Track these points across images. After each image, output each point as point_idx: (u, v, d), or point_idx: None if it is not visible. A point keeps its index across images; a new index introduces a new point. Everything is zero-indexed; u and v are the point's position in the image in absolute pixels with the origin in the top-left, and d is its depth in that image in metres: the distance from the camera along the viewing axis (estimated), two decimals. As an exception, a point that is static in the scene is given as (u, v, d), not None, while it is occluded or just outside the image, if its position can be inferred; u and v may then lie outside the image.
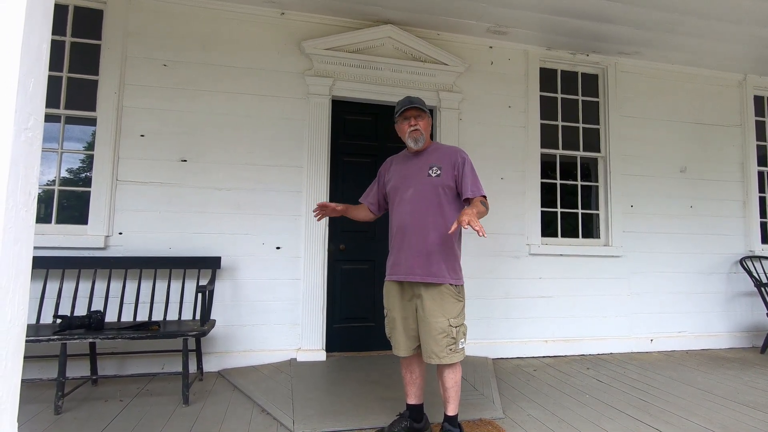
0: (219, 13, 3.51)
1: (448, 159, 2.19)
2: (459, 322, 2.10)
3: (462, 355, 2.10)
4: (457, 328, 2.08)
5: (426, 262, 2.10)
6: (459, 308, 2.11)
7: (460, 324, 2.10)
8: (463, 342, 2.10)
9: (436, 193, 2.15)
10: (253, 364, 3.35)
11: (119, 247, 3.22)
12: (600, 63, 4.33)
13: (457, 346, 2.07)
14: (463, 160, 2.19)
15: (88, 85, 3.30)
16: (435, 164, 2.18)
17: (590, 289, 4.10)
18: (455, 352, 2.07)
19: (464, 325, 2.14)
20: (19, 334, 1.01)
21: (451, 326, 2.06)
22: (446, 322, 2.06)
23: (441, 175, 2.16)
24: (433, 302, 2.08)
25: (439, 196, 2.14)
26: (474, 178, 2.16)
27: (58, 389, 2.50)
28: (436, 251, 2.10)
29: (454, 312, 2.08)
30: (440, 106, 3.87)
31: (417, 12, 3.62)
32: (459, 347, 2.08)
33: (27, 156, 1.02)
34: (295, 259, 3.53)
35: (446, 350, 2.05)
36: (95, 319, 2.68)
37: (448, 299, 2.09)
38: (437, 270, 2.08)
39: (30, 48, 1.01)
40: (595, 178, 4.38)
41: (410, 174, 2.23)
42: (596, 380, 3.28)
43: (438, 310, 2.07)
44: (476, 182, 2.15)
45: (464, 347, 2.11)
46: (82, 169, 3.45)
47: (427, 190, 2.16)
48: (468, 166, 2.18)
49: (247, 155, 3.49)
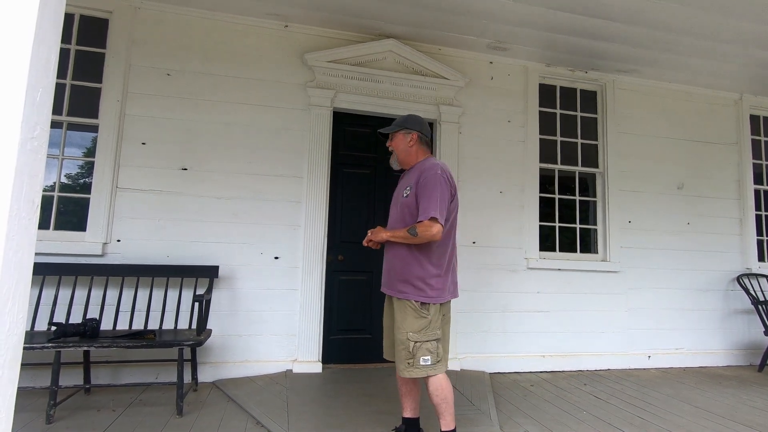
0: (223, 24, 3.55)
1: (414, 179, 2.18)
2: (419, 338, 2.06)
3: (423, 371, 2.05)
4: (416, 343, 2.05)
5: (390, 278, 2.21)
6: (421, 324, 2.07)
7: (423, 340, 2.05)
8: (427, 359, 2.05)
9: (404, 213, 2.20)
10: (249, 374, 3.32)
11: (117, 254, 3.21)
12: (598, 80, 4.39)
13: (415, 361, 2.04)
14: (420, 180, 2.13)
15: (91, 93, 3.32)
16: (409, 184, 2.20)
17: (588, 304, 4.10)
18: (414, 367, 2.05)
19: (431, 342, 2.07)
20: (16, 343, 1.01)
21: (409, 340, 2.05)
22: (405, 335, 2.07)
23: (409, 196, 2.18)
24: (398, 314, 2.13)
25: (405, 217, 2.19)
26: (426, 200, 2.07)
27: (50, 398, 2.47)
28: (398, 268, 2.16)
29: (414, 327, 2.07)
30: (440, 119, 3.91)
31: (419, 27, 3.67)
32: (419, 363, 2.04)
33: (32, 165, 1.03)
34: (293, 269, 3.52)
35: (404, 363, 2.07)
36: (90, 326, 2.66)
37: (411, 313, 2.09)
38: (401, 286, 2.14)
39: (39, 59, 1.02)
40: (593, 193, 4.40)
41: (397, 193, 2.32)
42: (594, 396, 3.26)
43: (400, 322, 2.11)
44: (426, 204, 2.06)
45: (429, 364, 2.05)
46: (81, 176, 3.46)
47: (398, 211, 2.24)
48: (423, 187, 2.10)
49: (247, 165, 3.50)
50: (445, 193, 2.10)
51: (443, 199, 2.08)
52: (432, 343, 2.08)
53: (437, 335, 2.10)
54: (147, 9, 3.42)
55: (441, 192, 2.08)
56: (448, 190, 2.13)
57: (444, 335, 2.18)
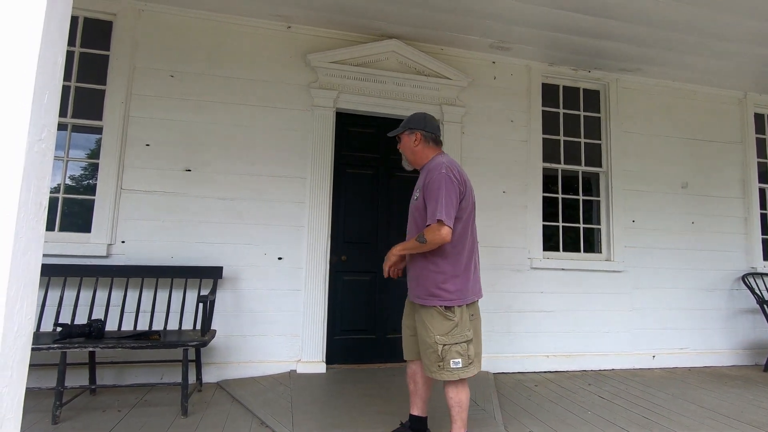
0: (226, 25, 3.57)
1: (422, 181, 2.15)
2: (447, 341, 2.02)
3: (454, 374, 2.02)
4: (444, 346, 2.01)
5: (413, 287, 2.19)
6: (448, 326, 2.03)
7: (451, 343, 2.02)
8: (458, 362, 2.01)
9: (415, 218, 2.18)
10: (253, 375, 3.33)
11: (121, 255, 3.22)
12: (602, 79, 4.38)
13: (445, 364, 2.01)
14: (426, 183, 2.10)
15: (95, 95, 3.34)
16: (418, 187, 2.19)
17: (592, 304, 4.09)
18: (444, 370, 2.02)
19: (460, 345, 2.03)
20: (25, 344, 1.01)
21: (437, 343, 2.02)
22: (432, 338, 2.04)
23: (418, 199, 2.16)
24: (426, 320, 2.09)
25: (417, 222, 2.16)
26: (432, 203, 2.03)
27: (56, 398, 2.48)
28: (418, 276, 2.15)
29: (442, 330, 2.04)
30: (443, 119, 3.91)
31: (422, 27, 3.67)
32: (449, 366, 2.01)
33: (39, 167, 1.03)
34: (297, 269, 3.53)
35: (435, 366, 2.04)
36: (96, 327, 2.67)
37: (437, 317, 2.06)
38: (423, 293, 2.11)
39: (46, 62, 1.03)
40: (597, 192, 4.39)
41: (412, 197, 2.29)
42: (598, 396, 3.26)
43: (428, 325, 2.07)
44: (432, 208, 2.03)
45: (460, 367, 2.02)
46: (85, 177, 3.47)
47: (411, 217, 2.23)
48: (428, 189, 2.07)
49: (250, 166, 3.51)
50: (451, 192, 2.02)
51: (449, 199, 2.01)
52: (462, 345, 2.03)
53: (467, 337, 2.05)
54: (150, 11, 3.44)
55: (446, 192, 2.01)
56: (454, 189, 2.04)
57: (476, 335, 2.14)
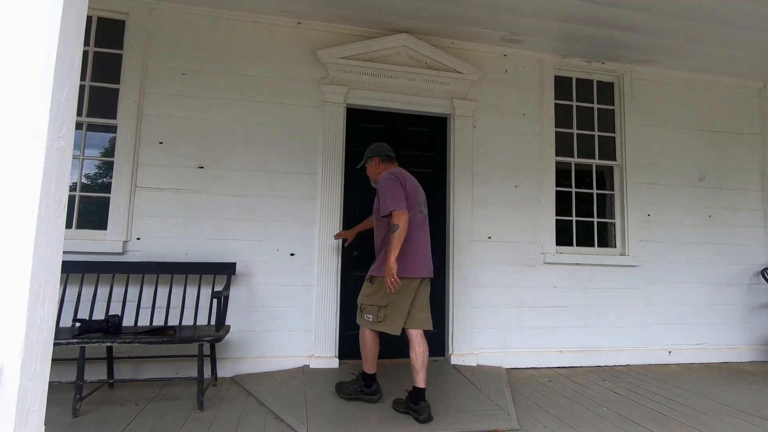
0: (237, 23, 3.58)
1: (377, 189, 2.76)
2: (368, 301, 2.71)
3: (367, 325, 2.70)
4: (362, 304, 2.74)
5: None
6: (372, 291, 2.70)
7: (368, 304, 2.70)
8: (369, 317, 2.67)
9: (377, 218, 2.78)
10: (267, 370, 3.36)
11: (137, 252, 3.27)
12: (616, 71, 4.30)
13: (362, 316, 2.72)
14: (378, 189, 2.72)
15: (109, 94, 3.38)
16: (377, 194, 2.77)
17: (606, 299, 4.04)
18: (360, 319, 2.75)
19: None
20: (48, 337, 1.03)
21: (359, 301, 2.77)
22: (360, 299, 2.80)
23: (376, 204, 2.77)
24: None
25: (380, 221, 2.75)
26: (384, 198, 2.60)
27: (76, 392, 2.54)
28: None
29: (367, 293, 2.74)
30: (454, 114, 3.88)
31: (432, 21, 3.64)
32: (364, 318, 2.71)
33: (59, 164, 1.05)
34: (309, 265, 3.54)
35: (357, 314, 2.78)
36: (113, 323, 2.72)
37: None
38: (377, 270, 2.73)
39: (63, 60, 1.04)
40: (611, 186, 4.33)
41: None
42: (613, 392, 3.22)
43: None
44: (385, 201, 2.59)
45: (368, 320, 2.68)
46: (99, 176, 3.52)
47: (376, 219, 2.81)
48: (380, 193, 2.67)
49: (262, 162, 3.53)
50: (393, 187, 2.59)
51: (393, 193, 2.57)
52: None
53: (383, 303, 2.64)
54: (162, 9, 3.46)
55: (390, 188, 2.59)
56: (396, 183, 2.62)
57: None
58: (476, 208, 3.86)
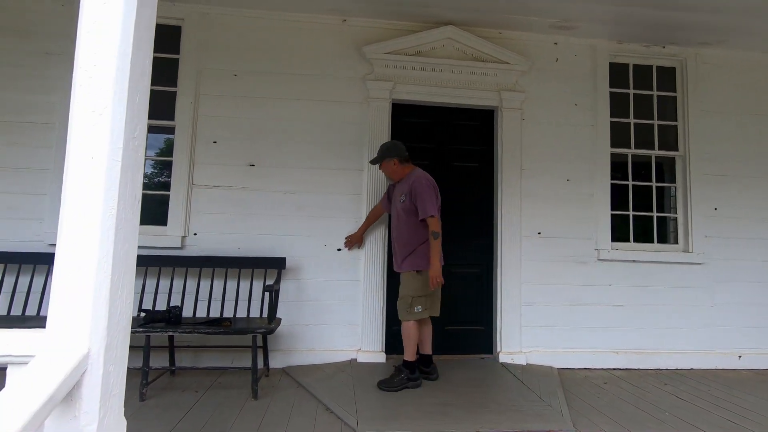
0: (284, 22, 3.65)
1: (407, 189, 3.02)
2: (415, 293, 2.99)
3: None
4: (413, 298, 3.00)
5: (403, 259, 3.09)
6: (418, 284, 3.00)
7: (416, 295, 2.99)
8: (419, 308, 2.96)
9: (401, 214, 3.06)
10: (315, 362, 3.43)
11: (194, 247, 3.43)
12: (678, 55, 4.02)
13: (412, 309, 2.97)
14: (413, 191, 2.98)
15: (166, 96, 3.55)
16: (403, 192, 3.05)
17: (667, 299, 3.81)
18: (411, 313, 2.99)
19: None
20: (126, 326, 1.10)
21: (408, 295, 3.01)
22: (404, 292, 3.05)
23: (405, 201, 3.02)
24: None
25: (403, 217, 3.05)
26: (422, 203, 2.93)
27: (142, 378, 2.71)
28: (408, 253, 3.05)
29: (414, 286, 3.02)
30: (502, 106, 3.78)
31: (478, 11, 3.56)
32: (414, 311, 2.97)
33: (134, 163, 1.11)
34: (356, 260, 3.58)
35: (404, 311, 3.00)
36: (174, 314, 2.87)
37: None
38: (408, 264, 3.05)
39: (137, 64, 1.10)
40: (671, 178, 4.06)
41: (394, 200, 3.17)
42: (676, 397, 3.04)
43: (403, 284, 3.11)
44: (425, 206, 2.92)
45: (419, 311, 2.97)
46: (155, 174, 3.72)
47: (403, 216, 3.05)
48: (419, 196, 2.95)
49: (309, 159, 3.60)
50: (432, 196, 2.97)
51: (432, 200, 2.94)
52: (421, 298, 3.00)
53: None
54: (214, 14, 3.60)
55: (429, 196, 2.95)
56: (434, 193, 3.00)
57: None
58: (525, 203, 3.75)
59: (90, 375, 0.99)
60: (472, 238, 3.85)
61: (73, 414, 0.97)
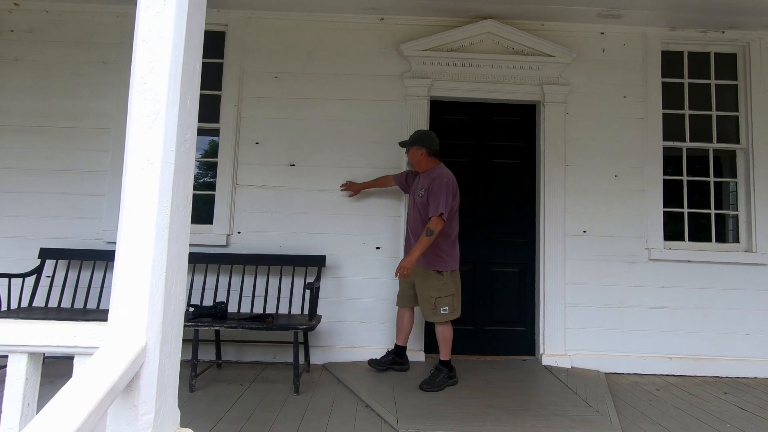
0: (322, 24, 3.70)
1: (428, 183, 2.96)
2: (438, 294, 2.95)
3: (443, 317, 2.95)
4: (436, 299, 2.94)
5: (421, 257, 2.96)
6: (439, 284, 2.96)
7: (441, 296, 2.94)
8: (445, 309, 2.92)
9: (419, 209, 3.01)
10: (354, 359, 3.46)
11: (238, 245, 3.55)
12: (739, 40, 3.74)
13: (438, 311, 2.92)
14: (432, 187, 2.91)
15: (210, 99, 3.69)
16: (423, 186, 2.99)
17: (727, 302, 3.55)
18: (437, 315, 2.94)
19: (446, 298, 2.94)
20: (179, 321, 1.15)
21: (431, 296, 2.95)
22: (428, 293, 2.98)
23: (423, 195, 2.97)
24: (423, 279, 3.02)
25: (420, 212, 3.00)
26: (435, 201, 2.86)
27: (192, 370, 2.83)
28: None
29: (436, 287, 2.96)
30: (544, 100, 3.66)
31: (518, 3, 3.46)
32: (441, 312, 2.93)
33: (185, 165, 1.16)
34: (394, 259, 3.56)
35: (430, 312, 2.97)
36: (220, 309, 2.98)
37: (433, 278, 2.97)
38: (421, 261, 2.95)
39: (188, 69, 1.14)
40: (732, 173, 3.79)
41: (413, 191, 3.14)
42: (737, 407, 2.84)
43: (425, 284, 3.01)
44: (436, 205, 2.85)
45: (446, 313, 2.92)
46: (200, 175, 3.87)
47: (417, 211, 3.02)
48: (434, 193, 2.88)
49: (347, 158, 3.63)
50: (449, 196, 2.87)
51: (447, 200, 2.85)
52: (447, 298, 2.95)
53: (451, 292, 2.96)
54: (256, 18, 3.69)
55: (445, 195, 2.85)
56: (452, 193, 2.91)
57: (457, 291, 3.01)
58: (569, 200, 3.61)
59: (147, 367, 1.04)
60: (513, 237, 3.75)
61: (132, 403, 1.02)
